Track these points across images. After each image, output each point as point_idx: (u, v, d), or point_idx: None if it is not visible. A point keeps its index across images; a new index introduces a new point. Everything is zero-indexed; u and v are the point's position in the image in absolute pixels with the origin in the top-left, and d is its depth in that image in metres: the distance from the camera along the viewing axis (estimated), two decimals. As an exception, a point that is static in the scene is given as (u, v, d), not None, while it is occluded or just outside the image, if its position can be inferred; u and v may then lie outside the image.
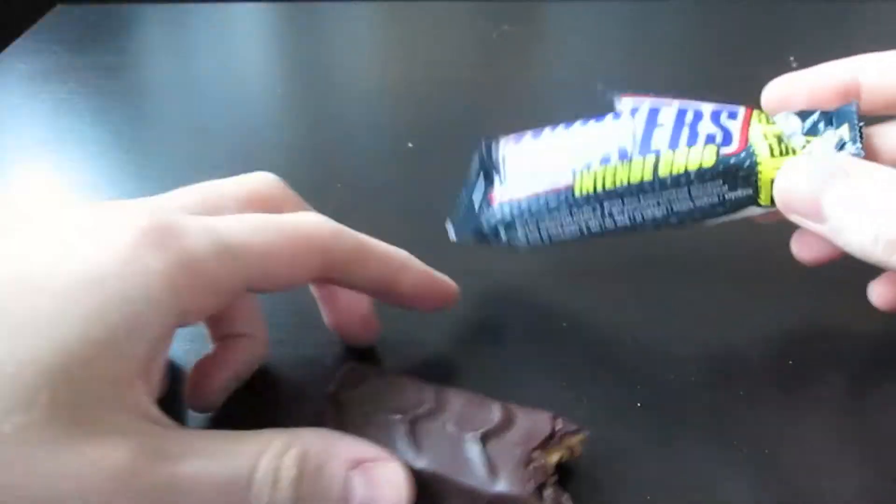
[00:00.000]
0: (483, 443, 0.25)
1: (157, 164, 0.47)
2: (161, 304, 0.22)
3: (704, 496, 0.26)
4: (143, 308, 0.21)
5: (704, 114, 0.31)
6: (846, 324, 0.33)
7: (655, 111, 0.31)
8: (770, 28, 0.62)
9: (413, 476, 0.24)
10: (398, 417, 0.26)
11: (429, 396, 0.26)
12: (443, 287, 0.31)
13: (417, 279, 0.30)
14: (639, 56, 0.60)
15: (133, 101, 0.55)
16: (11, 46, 0.61)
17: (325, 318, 0.32)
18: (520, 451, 0.24)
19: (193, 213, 0.25)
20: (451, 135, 0.48)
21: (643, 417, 0.29)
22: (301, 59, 0.62)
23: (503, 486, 0.24)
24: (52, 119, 0.52)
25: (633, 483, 0.27)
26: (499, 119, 0.50)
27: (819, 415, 0.29)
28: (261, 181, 0.29)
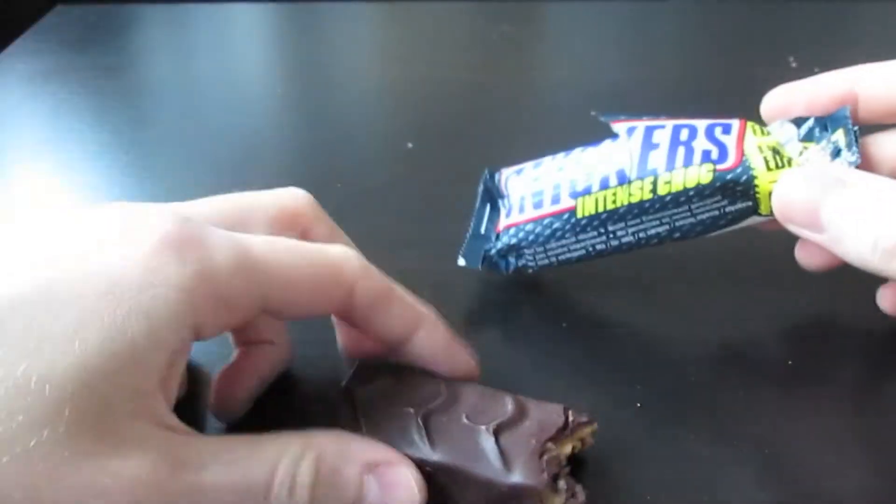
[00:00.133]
0: (497, 435, 0.24)
1: (157, 165, 0.47)
2: (179, 318, 0.22)
3: (704, 496, 0.26)
4: (162, 322, 0.21)
5: (699, 130, 0.31)
6: (846, 324, 0.33)
7: (651, 132, 0.31)
8: (770, 28, 0.62)
9: (425, 477, 0.24)
10: (411, 411, 0.25)
11: (441, 390, 0.26)
12: (460, 361, 0.28)
13: (435, 342, 0.28)
14: (639, 56, 0.60)
15: (133, 101, 0.55)
16: (11, 46, 0.61)
17: (339, 343, 0.31)
18: (534, 443, 0.24)
19: (220, 226, 0.25)
20: (451, 135, 0.48)
21: (643, 417, 0.29)
22: (301, 59, 0.62)
23: (518, 478, 0.24)
24: (52, 119, 0.52)
25: (633, 483, 0.27)
26: (499, 119, 0.50)
27: (819, 415, 0.29)
28: (292, 197, 0.28)
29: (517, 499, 0.24)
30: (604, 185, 0.31)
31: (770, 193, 0.29)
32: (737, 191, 0.30)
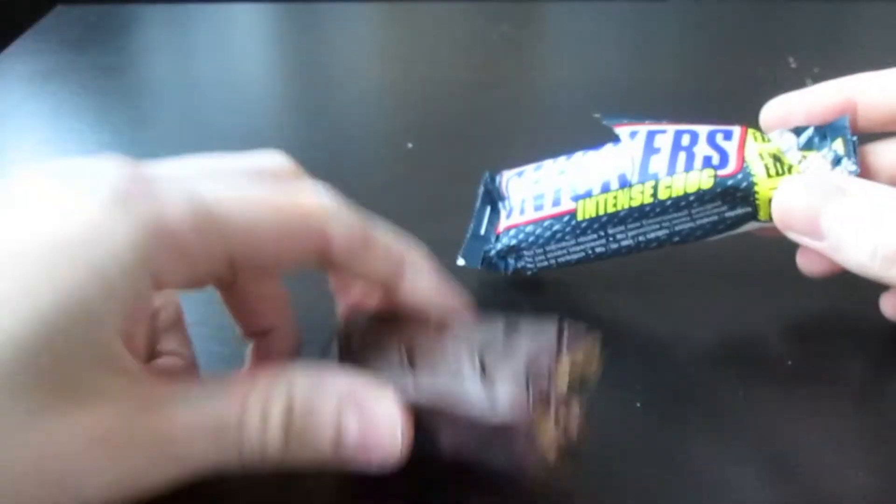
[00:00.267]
0: (482, 361, 0.23)
1: (157, 164, 0.47)
2: (133, 273, 0.21)
3: (705, 496, 0.26)
4: (115, 275, 0.21)
5: (700, 136, 0.31)
6: (846, 324, 0.33)
7: (652, 136, 0.32)
8: (770, 28, 0.62)
9: (409, 407, 0.23)
10: (396, 346, 0.25)
11: (430, 322, 0.25)
12: (451, 298, 0.27)
13: (423, 282, 0.27)
14: (639, 56, 0.60)
15: (133, 101, 0.55)
16: (11, 46, 0.61)
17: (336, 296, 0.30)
18: (523, 368, 0.23)
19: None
20: (451, 135, 0.48)
21: (643, 417, 0.29)
22: (301, 59, 0.62)
23: (503, 414, 0.22)
24: (52, 119, 0.52)
25: (634, 483, 0.27)
26: (499, 119, 0.50)
27: (819, 415, 0.29)
28: (270, 158, 0.27)
29: (505, 436, 0.23)
30: (605, 189, 0.31)
31: (770, 200, 0.29)
32: (737, 196, 0.30)
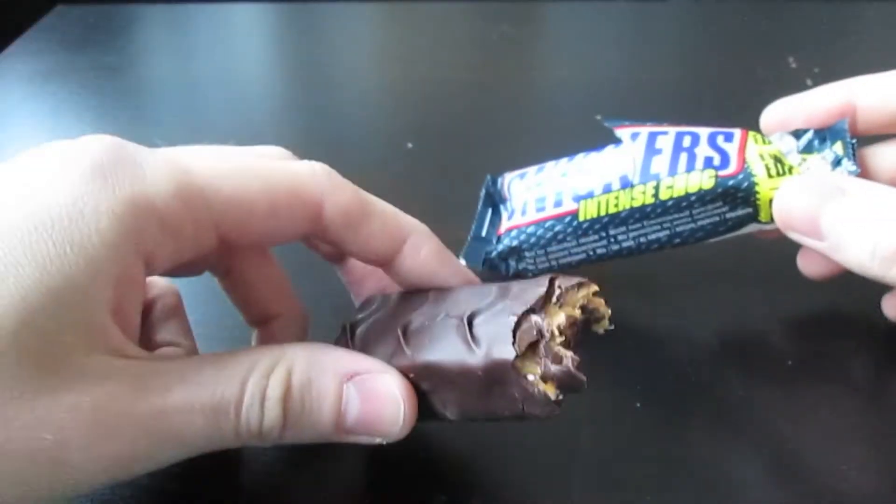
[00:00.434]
0: (471, 322, 0.23)
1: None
2: (118, 248, 0.21)
3: (705, 496, 0.26)
4: (99, 252, 0.20)
5: (702, 137, 0.31)
6: (846, 324, 0.33)
7: (654, 137, 0.32)
8: (770, 28, 0.62)
9: (412, 385, 0.23)
10: (396, 323, 0.24)
11: (429, 296, 0.25)
12: (455, 272, 0.26)
13: (424, 255, 0.26)
14: (638, 56, 0.60)
15: (133, 101, 0.55)
16: (11, 46, 0.61)
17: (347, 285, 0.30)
18: (510, 318, 0.22)
19: None
20: (451, 135, 0.48)
21: (643, 417, 0.29)
22: (301, 59, 0.62)
23: (484, 356, 0.22)
24: (52, 119, 0.52)
25: (633, 483, 0.27)
26: (499, 119, 0.50)
27: (819, 415, 0.29)
28: (268, 151, 0.27)
29: (499, 382, 0.22)
30: (607, 189, 0.31)
31: (770, 201, 0.29)
32: (738, 197, 0.30)
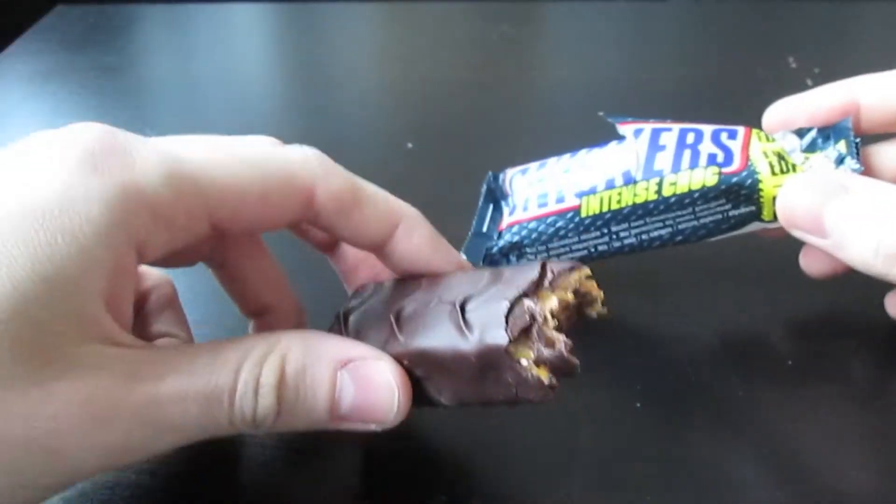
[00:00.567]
0: (463, 308, 0.23)
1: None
2: (110, 237, 0.20)
3: (705, 496, 0.26)
4: (90, 241, 0.20)
5: (705, 134, 0.31)
6: (847, 324, 0.33)
7: (657, 134, 0.32)
8: (770, 28, 0.62)
9: (406, 371, 0.22)
10: (388, 310, 0.24)
11: (422, 283, 0.25)
12: (447, 258, 0.26)
13: (417, 241, 0.26)
14: (638, 56, 0.60)
15: (133, 101, 0.55)
16: (11, 46, 0.61)
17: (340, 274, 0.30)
18: (504, 303, 0.22)
19: None
20: (451, 135, 0.48)
21: (643, 417, 0.29)
22: (301, 59, 0.62)
23: (477, 341, 0.22)
24: (52, 119, 0.52)
25: (633, 483, 0.27)
26: (499, 119, 0.50)
27: (819, 415, 0.29)
28: (258, 140, 0.26)
29: (493, 368, 0.22)
30: (609, 185, 0.31)
31: (774, 198, 0.29)
32: (741, 195, 0.30)
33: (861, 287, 0.32)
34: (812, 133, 0.31)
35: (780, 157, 0.30)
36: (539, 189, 0.33)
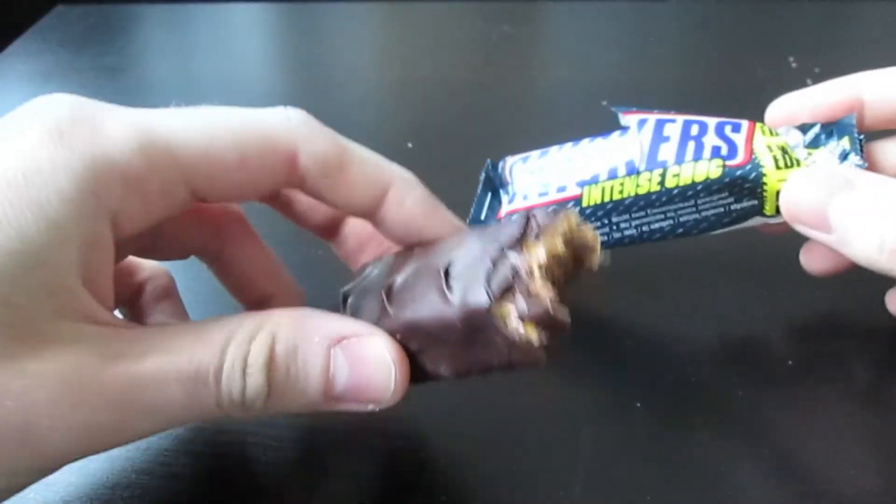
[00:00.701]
0: (447, 271, 0.21)
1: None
2: (80, 209, 0.20)
3: (705, 496, 0.26)
4: (59, 212, 0.19)
5: (709, 126, 0.31)
6: (847, 324, 0.33)
7: (662, 125, 0.31)
8: (770, 28, 0.62)
9: (402, 346, 0.22)
10: (380, 284, 0.23)
11: (414, 251, 0.24)
12: (442, 222, 0.25)
13: (409, 204, 0.24)
14: (639, 56, 0.60)
15: (133, 101, 0.54)
16: (11, 46, 0.61)
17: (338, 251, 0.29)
18: (485, 261, 0.21)
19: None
20: (451, 135, 0.48)
21: (643, 417, 0.29)
22: (301, 59, 0.62)
23: (459, 305, 0.20)
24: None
25: (633, 483, 0.27)
26: (499, 119, 0.50)
27: (820, 415, 0.29)
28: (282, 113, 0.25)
29: (480, 331, 0.21)
30: (612, 175, 0.31)
31: (777, 193, 0.29)
32: (744, 188, 0.29)
33: (862, 286, 0.32)
34: (815, 129, 0.31)
35: (784, 152, 0.30)
36: (540, 177, 0.33)
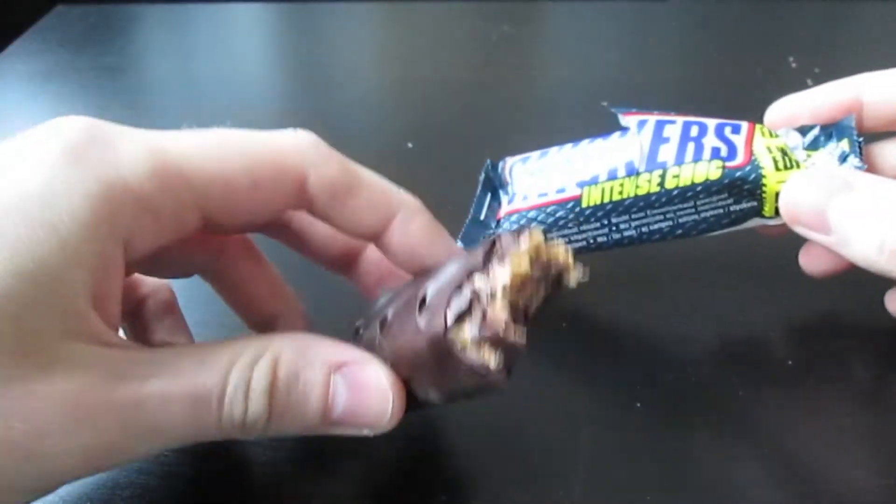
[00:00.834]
0: (424, 297, 0.22)
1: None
2: (93, 229, 0.20)
3: (705, 496, 0.26)
4: (72, 234, 0.20)
5: (709, 128, 0.31)
6: (847, 324, 0.33)
7: (661, 126, 0.31)
8: (770, 28, 0.62)
9: (398, 377, 0.22)
10: (380, 314, 0.24)
11: (414, 280, 0.24)
12: (446, 249, 0.25)
13: (414, 231, 0.24)
14: (639, 56, 0.60)
15: (133, 101, 0.55)
16: (11, 46, 0.61)
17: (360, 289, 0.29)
18: (451, 286, 0.21)
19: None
20: (451, 135, 0.48)
21: (643, 417, 0.29)
22: (301, 59, 0.62)
23: (423, 332, 0.21)
24: (52, 119, 0.52)
25: (633, 483, 0.27)
26: (499, 119, 0.50)
27: (819, 415, 0.29)
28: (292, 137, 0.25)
29: (446, 355, 0.21)
30: (611, 176, 0.31)
31: (777, 194, 0.29)
32: (744, 189, 0.30)
33: (861, 286, 0.32)
34: (815, 131, 0.31)
35: (784, 153, 0.30)
36: (540, 178, 0.33)
